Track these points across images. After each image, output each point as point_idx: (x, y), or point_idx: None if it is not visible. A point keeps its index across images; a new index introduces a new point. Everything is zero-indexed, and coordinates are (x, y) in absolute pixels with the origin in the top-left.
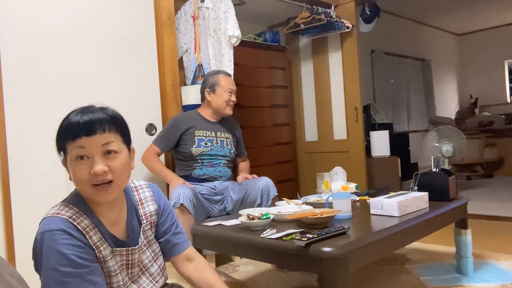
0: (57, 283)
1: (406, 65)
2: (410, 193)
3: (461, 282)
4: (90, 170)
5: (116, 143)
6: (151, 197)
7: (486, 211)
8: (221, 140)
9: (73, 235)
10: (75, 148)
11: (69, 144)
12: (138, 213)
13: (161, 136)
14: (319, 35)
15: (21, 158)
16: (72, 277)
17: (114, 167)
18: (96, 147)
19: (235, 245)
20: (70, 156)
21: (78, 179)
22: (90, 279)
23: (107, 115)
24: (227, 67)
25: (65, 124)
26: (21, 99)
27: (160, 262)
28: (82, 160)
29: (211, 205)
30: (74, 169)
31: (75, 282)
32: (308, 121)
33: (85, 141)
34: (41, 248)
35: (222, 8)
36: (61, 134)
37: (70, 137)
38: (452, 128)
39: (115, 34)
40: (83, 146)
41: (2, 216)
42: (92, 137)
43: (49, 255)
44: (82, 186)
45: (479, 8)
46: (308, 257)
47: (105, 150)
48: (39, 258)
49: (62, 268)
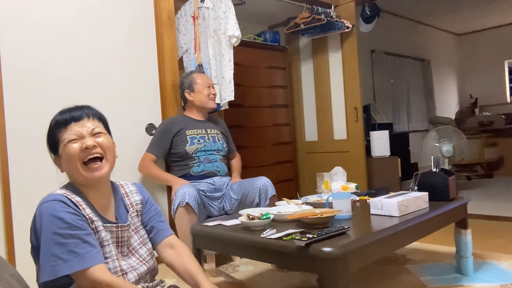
0: (57, 245)
1: (406, 65)
2: (410, 193)
3: (461, 282)
4: (81, 146)
5: (101, 128)
6: (136, 190)
7: (486, 211)
8: (212, 136)
9: (69, 205)
10: (66, 134)
11: (60, 133)
12: (125, 203)
13: (154, 142)
14: (319, 35)
15: (21, 158)
16: (71, 238)
17: (102, 142)
18: (85, 129)
19: (235, 245)
20: (63, 143)
21: (71, 157)
22: (88, 240)
23: (91, 109)
24: (227, 67)
25: (54, 121)
26: (21, 99)
27: (148, 246)
28: (73, 141)
29: (211, 203)
30: (67, 150)
31: (75, 243)
32: (308, 121)
33: (75, 126)
34: (40, 219)
35: (222, 8)
36: (52, 130)
37: (61, 126)
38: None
39: (115, 34)
40: (73, 131)
41: (2, 216)
42: (80, 122)
43: (48, 221)
44: (75, 166)
45: (479, 8)
46: (308, 257)
47: (94, 133)
48: (39, 228)
49: (61, 230)
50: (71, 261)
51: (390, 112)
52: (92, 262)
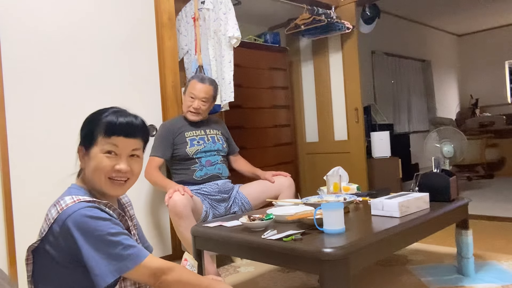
0: (111, 244)
1: (407, 66)
2: (411, 193)
3: (462, 283)
4: (115, 165)
5: (140, 150)
6: (130, 202)
7: (487, 211)
8: (211, 136)
9: (100, 208)
10: (108, 144)
11: (103, 138)
12: (126, 215)
13: (156, 145)
14: (319, 36)
15: (22, 158)
16: (121, 235)
17: (135, 169)
18: (127, 149)
19: (236, 246)
20: (99, 147)
21: (99, 168)
22: (130, 234)
23: (141, 123)
24: (227, 68)
25: (105, 119)
26: (22, 99)
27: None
28: (109, 154)
29: (217, 204)
30: (100, 160)
31: (126, 238)
32: (309, 122)
33: (121, 141)
34: (79, 227)
35: (222, 9)
36: (97, 126)
37: (108, 133)
38: (453, 129)
39: (116, 35)
40: (117, 144)
41: (3, 216)
42: (128, 139)
43: (92, 225)
44: (98, 175)
45: (479, 9)
46: (309, 258)
47: (132, 154)
48: (81, 238)
49: (110, 230)
50: (132, 255)
51: (390, 112)
52: (146, 252)
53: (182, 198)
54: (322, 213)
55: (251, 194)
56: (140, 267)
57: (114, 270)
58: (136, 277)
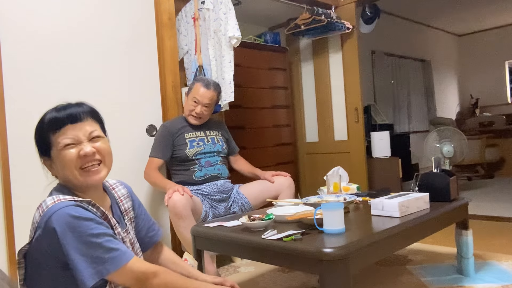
0: (94, 246)
1: (407, 66)
2: (411, 193)
3: (462, 283)
4: (79, 152)
5: (98, 130)
6: (127, 194)
7: (487, 211)
8: (211, 137)
9: (84, 207)
10: (61, 138)
11: (54, 136)
12: (120, 209)
13: (156, 146)
14: (319, 36)
15: (22, 158)
16: (104, 236)
17: (101, 147)
18: (82, 133)
19: (236, 246)
20: (57, 147)
21: (67, 164)
22: (114, 235)
23: (86, 107)
24: (227, 68)
25: (47, 119)
26: (22, 100)
27: (136, 247)
28: (69, 146)
29: (216, 204)
30: (63, 155)
31: (109, 240)
32: (309, 122)
33: (70, 128)
34: (62, 228)
35: (222, 9)
36: (43, 130)
37: (55, 128)
38: (453, 129)
39: (116, 35)
40: (69, 134)
41: (3, 217)
42: (76, 124)
43: (74, 226)
44: (71, 172)
45: (479, 9)
46: (309, 258)
47: (91, 136)
48: (63, 237)
49: (92, 231)
50: (113, 258)
51: (390, 112)
52: (130, 255)
53: (182, 198)
54: (322, 213)
55: (251, 194)
56: (122, 270)
57: (94, 273)
58: (118, 281)
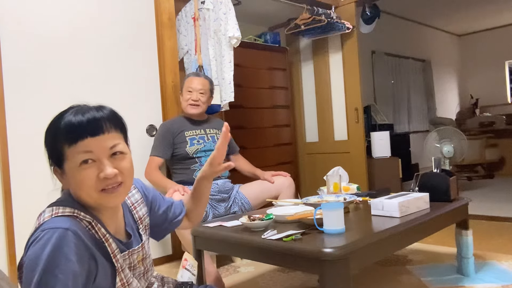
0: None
1: (407, 65)
2: (411, 193)
3: (462, 283)
4: (99, 174)
5: (122, 144)
6: (141, 199)
7: (487, 211)
8: (211, 136)
9: (80, 237)
10: (78, 153)
11: (69, 148)
12: (134, 217)
13: (156, 145)
14: (319, 36)
15: (22, 158)
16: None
17: (123, 168)
18: (103, 149)
19: (236, 246)
20: (71, 161)
21: (83, 186)
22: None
23: (109, 113)
24: (227, 68)
25: (62, 125)
26: (22, 100)
27: (147, 262)
28: (87, 164)
29: (216, 204)
30: (79, 175)
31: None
32: (309, 122)
33: (90, 143)
34: (33, 257)
35: (222, 9)
36: (57, 138)
37: (72, 141)
38: (453, 129)
39: (116, 35)
40: (88, 149)
41: (3, 217)
42: (97, 137)
43: (53, 256)
44: (87, 193)
45: (479, 9)
46: (309, 258)
47: (113, 152)
48: (28, 269)
49: (60, 273)
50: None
51: (390, 112)
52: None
53: (182, 198)
54: (322, 213)
55: (251, 194)
56: None
57: None
58: None
